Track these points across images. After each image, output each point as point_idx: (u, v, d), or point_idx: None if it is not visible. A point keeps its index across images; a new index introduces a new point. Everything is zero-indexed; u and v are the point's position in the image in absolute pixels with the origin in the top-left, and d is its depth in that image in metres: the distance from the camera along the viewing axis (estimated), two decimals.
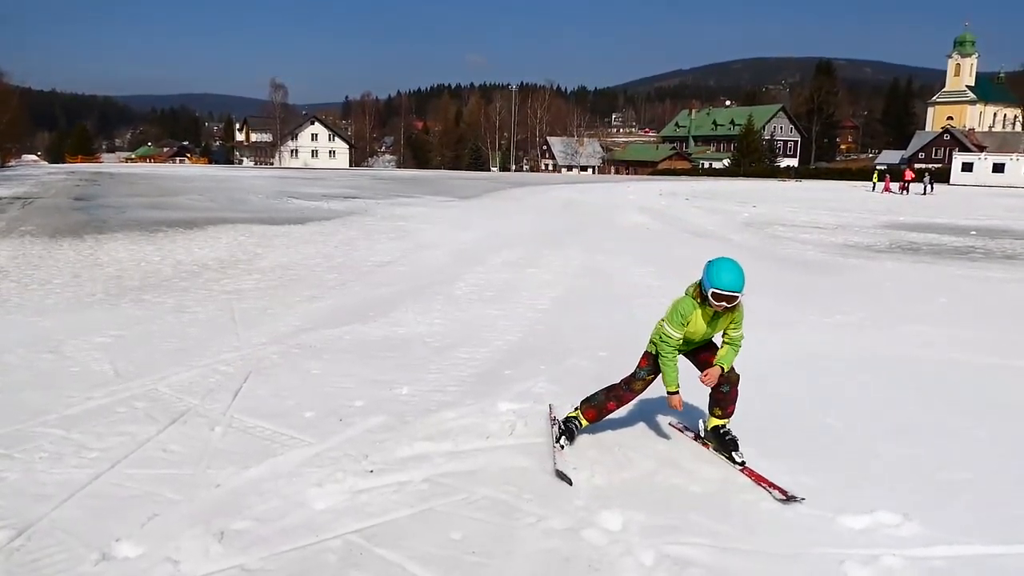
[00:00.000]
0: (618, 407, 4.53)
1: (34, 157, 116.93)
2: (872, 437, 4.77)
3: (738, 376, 4.40)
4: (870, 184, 53.10)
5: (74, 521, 3.50)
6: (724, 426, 4.41)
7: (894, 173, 54.78)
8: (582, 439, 4.57)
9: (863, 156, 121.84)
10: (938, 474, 4.20)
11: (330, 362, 6.36)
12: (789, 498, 3.80)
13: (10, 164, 75.50)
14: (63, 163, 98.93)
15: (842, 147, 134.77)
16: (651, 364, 4.39)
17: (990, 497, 3.90)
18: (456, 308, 8.77)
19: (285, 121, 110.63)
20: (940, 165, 76.30)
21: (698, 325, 4.22)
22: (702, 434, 4.54)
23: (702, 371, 4.37)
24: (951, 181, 64.86)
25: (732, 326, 4.29)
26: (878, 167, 72.69)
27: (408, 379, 5.83)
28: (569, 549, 3.34)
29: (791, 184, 63.97)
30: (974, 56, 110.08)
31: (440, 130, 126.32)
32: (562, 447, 4.36)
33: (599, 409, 4.49)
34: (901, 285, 11.52)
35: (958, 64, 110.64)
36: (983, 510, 3.75)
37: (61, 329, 7.29)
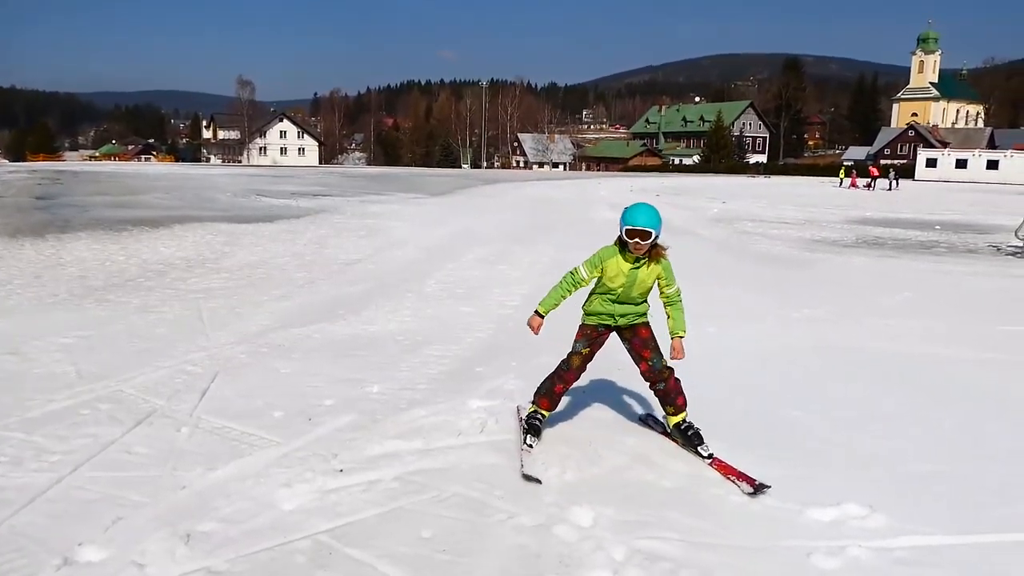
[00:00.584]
0: (566, 388, 4.45)
1: None
2: (840, 429, 4.84)
3: (671, 370, 4.36)
4: (837, 180, 53.85)
5: (35, 526, 3.42)
6: (683, 421, 4.40)
7: (860, 169, 55.67)
8: (552, 435, 4.57)
9: (830, 152, 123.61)
10: (905, 465, 4.27)
11: (299, 361, 6.29)
12: (757, 488, 3.83)
13: None
14: (24, 162, 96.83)
15: (810, 143, 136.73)
16: (585, 338, 4.35)
17: (956, 488, 3.97)
18: (427, 305, 8.73)
19: (253, 118, 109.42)
20: (905, 161, 77.71)
21: (618, 273, 4.16)
22: (668, 429, 4.55)
23: (640, 365, 4.36)
24: (916, 176, 66.19)
25: (663, 283, 4.24)
26: (845, 163, 73.86)
27: (378, 377, 5.79)
28: (540, 545, 3.34)
29: (760, 180, 64.70)
30: (937, 53, 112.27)
31: (410, 127, 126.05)
32: (530, 447, 4.31)
33: (549, 395, 4.43)
34: (867, 279, 11.71)
35: (922, 61, 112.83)
36: (949, 501, 3.81)
37: (22, 330, 7.13)
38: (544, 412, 4.46)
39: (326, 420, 4.83)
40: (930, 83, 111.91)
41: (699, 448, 4.30)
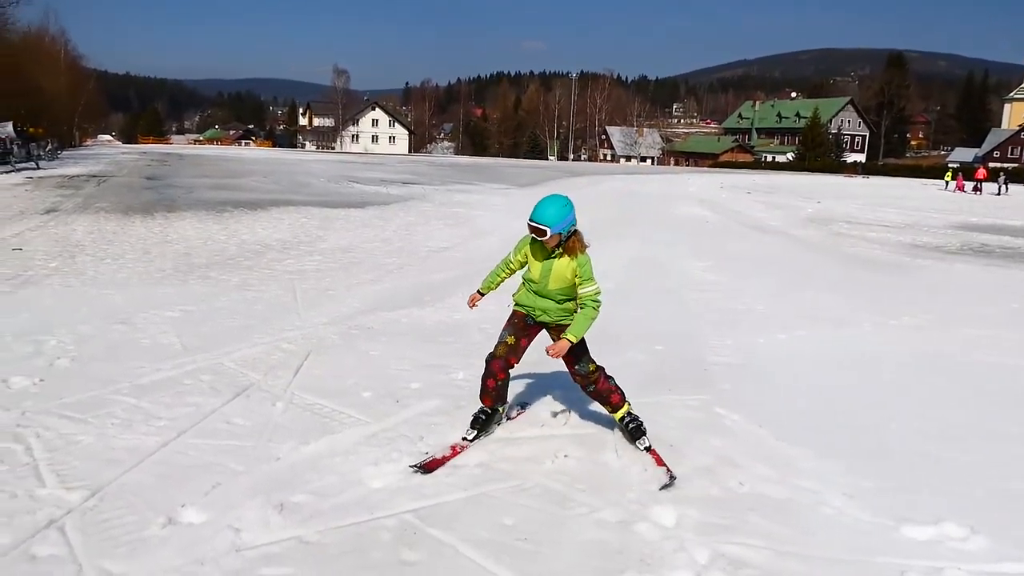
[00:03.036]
0: (496, 381, 4.24)
1: (109, 137, 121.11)
2: (936, 443, 4.63)
3: (599, 371, 4.21)
4: (943, 182, 51.22)
5: (143, 486, 3.64)
6: (626, 414, 4.28)
7: (967, 171, 52.80)
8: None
9: (934, 153, 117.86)
10: (1006, 484, 4.05)
11: (387, 344, 6.45)
12: (669, 481, 3.82)
13: (87, 144, 78.40)
14: (135, 144, 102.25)
15: (912, 143, 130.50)
16: (510, 326, 4.22)
17: None
18: (510, 296, 8.78)
19: (347, 106, 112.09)
20: (1017, 164, 73.28)
21: (533, 264, 4.07)
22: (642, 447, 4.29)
23: (568, 368, 4.22)
24: None
25: (577, 281, 4.00)
26: (950, 164, 70.21)
27: (463, 364, 5.88)
28: (621, 542, 3.33)
29: (858, 180, 62.23)
30: None
31: (498, 117, 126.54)
32: (466, 439, 4.23)
33: (484, 391, 4.28)
34: (971, 288, 11.14)
35: None
36: None
37: (133, 302, 7.56)
38: (487, 408, 4.32)
39: (412, 403, 4.94)
40: None
41: (637, 442, 4.21)
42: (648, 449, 4.18)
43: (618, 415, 4.32)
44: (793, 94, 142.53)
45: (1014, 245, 17.44)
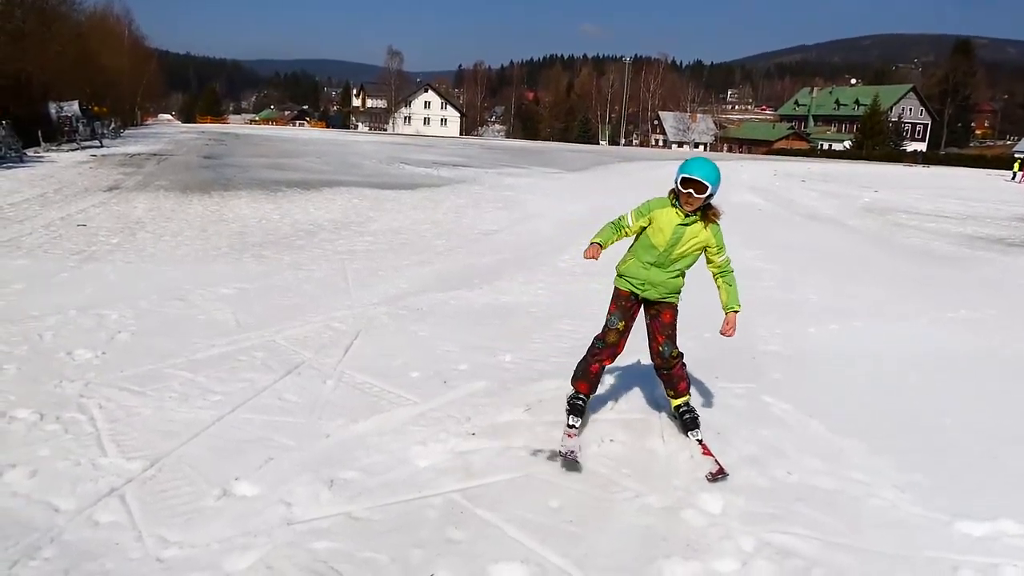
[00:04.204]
0: (601, 367, 4.17)
1: (169, 116, 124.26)
2: (992, 439, 4.50)
3: (680, 357, 4.15)
4: (1009, 173, 49.35)
5: (199, 458, 3.75)
6: (683, 404, 4.22)
7: None
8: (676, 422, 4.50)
9: (1000, 143, 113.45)
10: None
11: (436, 325, 6.51)
12: (717, 475, 3.76)
13: (148, 122, 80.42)
14: (194, 123, 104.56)
15: (977, 132, 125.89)
16: (619, 310, 4.07)
17: None
18: (560, 280, 8.79)
19: (400, 88, 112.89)
20: None
21: (664, 227, 3.90)
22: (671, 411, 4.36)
23: (652, 345, 4.13)
24: None
25: (712, 251, 3.97)
26: (1016, 155, 67.55)
27: (511, 347, 5.90)
28: (666, 527, 3.33)
29: (918, 169, 60.38)
30: None
31: (550, 101, 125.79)
32: (573, 426, 4.12)
33: (586, 377, 4.17)
34: None
35: None
36: None
37: (189, 279, 7.76)
38: (584, 395, 4.21)
39: (460, 384, 4.98)
40: None
41: (690, 432, 4.16)
42: (699, 442, 4.16)
43: (678, 402, 4.27)
44: (853, 80, 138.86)
45: None
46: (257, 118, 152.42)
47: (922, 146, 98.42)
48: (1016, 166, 49.83)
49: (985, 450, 4.36)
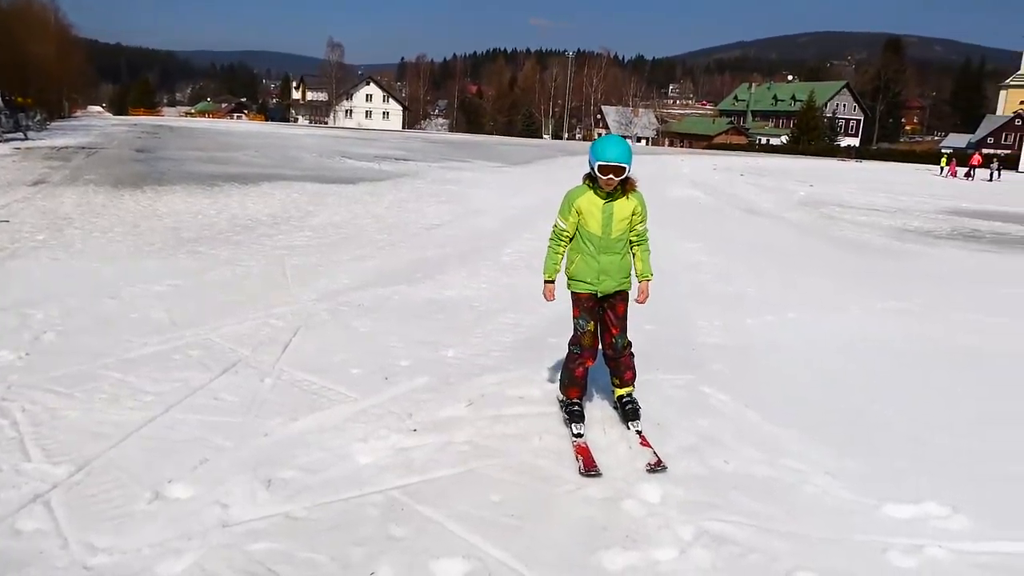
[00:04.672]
0: (585, 370, 4.21)
1: (99, 108, 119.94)
2: (921, 425, 4.67)
3: (629, 346, 4.24)
4: (937, 167, 51.25)
5: (130, 460, 3.64)
6: (626, 395, 4.30)
7: (960, 157, 52.84)
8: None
9: (928, 138, 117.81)
10: (989, 466, 4.09)
11: (377, 321, 6.44)
12: (655, 467, 3.80)
13: (76, 114, 77.48)
14: (126, 115, 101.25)
15: (907, 128, 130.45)
16: (584, 312, 4.11)
17: None
18: (503, 274, 8.80)
19: (341, 81, 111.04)
20: (1010, 151, 73.22)
21: (593, 213, 3.98)
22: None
23: (605, 336, 4.19)
24: (1020, 168, 62.25)
25: (636, 218, 4.09)
26: (944, 150, 70.25)
27: (453, 341, 5.88)
28: (607, 518, 3.36)
29: (852, 164, 62.24)
30: None
31: (494, 95, 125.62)
32: (580, 435, 4.09)
33: (574, 383, 4.21)
34: (961, 273, 11.19)
35: None
36: None
37: (121, 276, 7.52)
38: (578, 400, 4.26)
39: (402, 380, 4.94)
40: None
41: (631, 423, 4.21)
42: (639, 433, 4.20)
43: (622, 391, 4.32)
44: (790, 77, 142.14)
45: (1005, 231, 17.52)
46: (193, 111, 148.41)
47: (855, 141, 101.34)
48: (943, 161, 51.78)
49: (913, 436, 4.51)
